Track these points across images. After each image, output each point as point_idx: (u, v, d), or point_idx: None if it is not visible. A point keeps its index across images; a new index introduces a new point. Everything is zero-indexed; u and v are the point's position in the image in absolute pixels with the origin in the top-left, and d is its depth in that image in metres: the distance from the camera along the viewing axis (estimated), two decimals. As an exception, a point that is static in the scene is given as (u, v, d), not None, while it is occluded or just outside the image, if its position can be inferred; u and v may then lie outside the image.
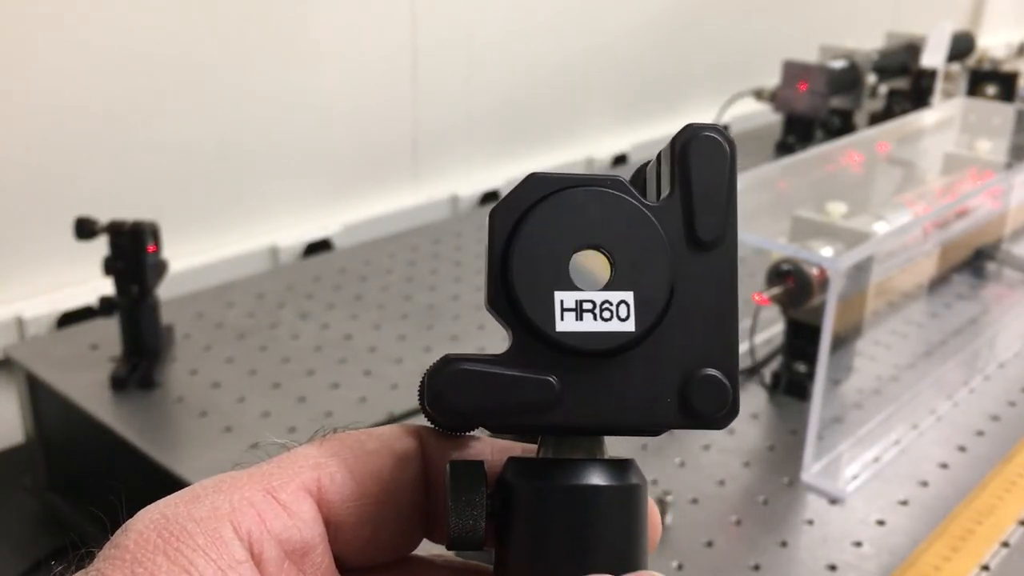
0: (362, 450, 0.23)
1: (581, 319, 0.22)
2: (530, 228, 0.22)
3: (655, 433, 0.23)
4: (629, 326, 0.22)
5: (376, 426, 0.73)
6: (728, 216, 0.22)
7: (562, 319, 0.22)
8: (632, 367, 0.22)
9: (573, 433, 0.23)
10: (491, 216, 0.22)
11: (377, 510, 0.23)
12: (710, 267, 0.22)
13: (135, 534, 0.21)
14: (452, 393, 0.22)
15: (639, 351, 0.22)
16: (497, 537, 0.23)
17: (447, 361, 0.22)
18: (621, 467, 0.22)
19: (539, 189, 0.22)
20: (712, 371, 0.22)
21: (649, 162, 0.25)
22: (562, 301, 0.22)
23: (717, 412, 0.22)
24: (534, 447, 0.24)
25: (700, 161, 0.22)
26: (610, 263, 0.22)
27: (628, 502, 0.22)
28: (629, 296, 0.22)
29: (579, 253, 0.22)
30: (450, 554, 0.25)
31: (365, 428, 0.24)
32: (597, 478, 0.22)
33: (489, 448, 0.25)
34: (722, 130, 0.22)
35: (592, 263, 0.22)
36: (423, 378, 0.23)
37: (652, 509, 0.23)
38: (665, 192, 0.23)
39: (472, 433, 0.25)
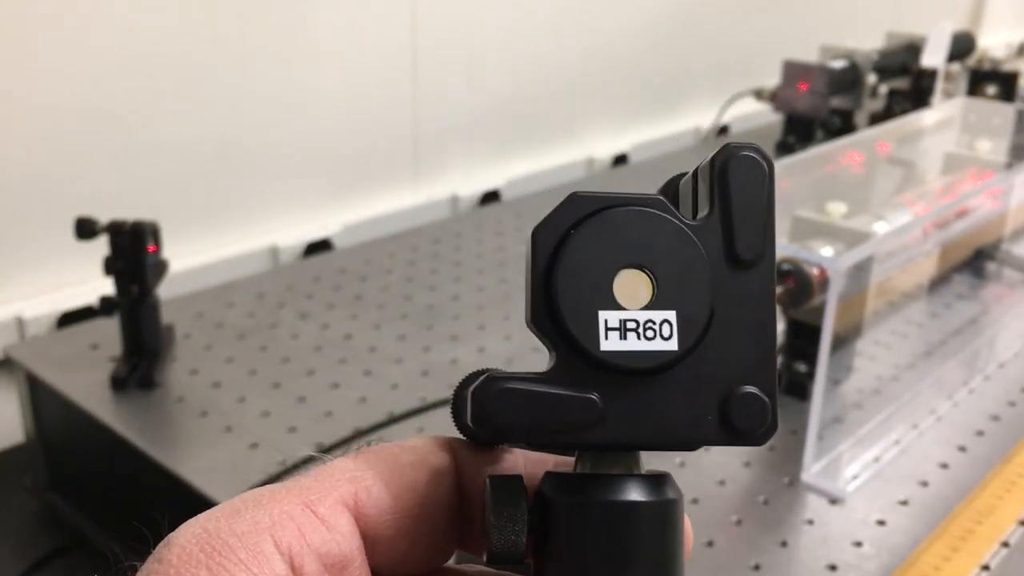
0: (397, 463, 0.24)
1: (625, 338, 0.22)
2: (573, 247, 0.22)
3: (693, 448, 0.23)
4: (672, 345, 0.22)
5: (379, 428, 0.73)
6: (767, 235, 0.23)
7: (606, 338, 0.22)
8: (673, 385, 0.22)
9: (614, 449, 0.23)
10: (534, 235, 0.22)
11: (413, 523, 0.23)
12: (749, 285, 0.23)
13: (178, 548, 0.21)
14: (497, 411, 0.22)
15: (680, 369, 0.22)
16: (535, 551, 0.23)
17: (491, 379, 0.22)
18: (658, 482, 0.22)
19: (581, 208, 0.22)
20: (752, 389, 0.22)
21: (682, 175, 0.25)
22: (606, 320, 0.22)
23: (757, 429, 0.22)
24: (568, 460, 0.24)
25: (739, 180, 0.23)
26: (652, 282, 0.22)
27: (666, 516, 0.22)
28: (672, 315, 0.22)
29: (622, 272, 0.22)
30: (481, 564, 0.25)
31: (398, 442, 0.25)
32: (636, 494, 0.22)
33: (523, 461, 0.25)
34: (760, 149, 0.23)
35: (635, 282, 0.22)
36: (460, 394, 0.23)
37: (687, 525, 0.23)
38: (703, 210, 0.23)
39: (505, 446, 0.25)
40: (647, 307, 0.22)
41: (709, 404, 0.22)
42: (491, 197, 1.31)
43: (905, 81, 1.48)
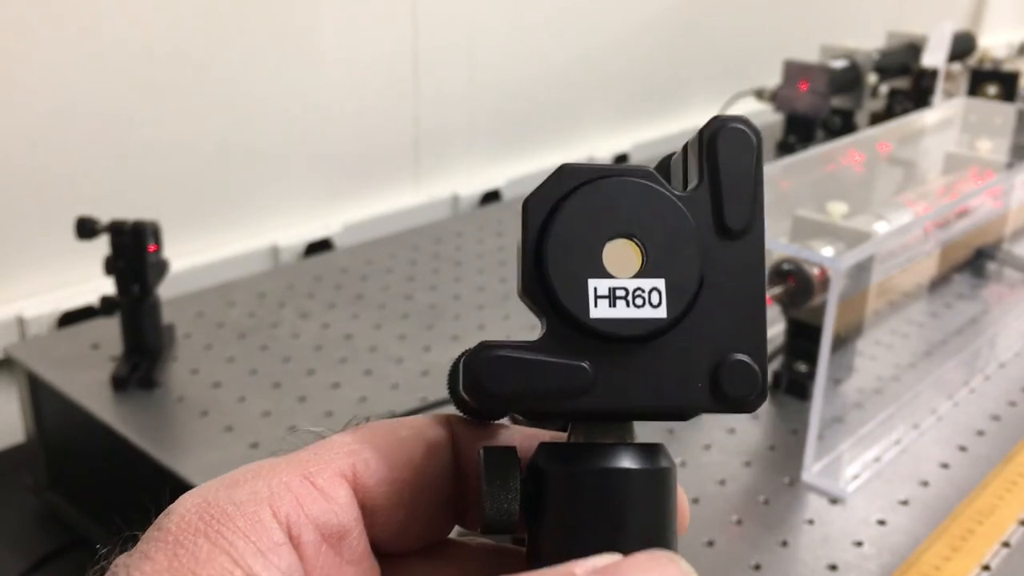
0: (395, 437, 0.24)
1: (614, 306, 0.22)
2: (563, 218, 0.22)
3: (685, 418, 0.23)
4: (661, 312, 0.22)
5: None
6: (755, 205, 0.23)
7: (596, 306, 0.22)
8: (663, 353, 0.23)
9: (606, 419, 0.23)
10: (524, 206, 0.23)
11: (411, 495, 0.24)
12: (738, 255, 0.23)
13: (177, 517, 0.21)
14: (489, 379, 0.22)
15: (670, 337, 0.22)
16: (529, 520, 0.23)
17: (483, 347, 0.22)
18: (651, 451, 0.23)
19: (571, 180, 0.23)
20: (742, 356, 0.23)
21: (673, 154, 0.25)
22: (596, 288, 0.22)
23: (748, 396, 0.22)
24: (563, 435, 0.24)
25: (727, 151, 0.23)
26: (641, 251, 0.22)
27: (659, 484, 0.23)
28: (660, 283, 0.22)
29: (611, 242, 0.22)
30: (482, 537, 0.25)
31: (396, 418, 0.25)
32: (628, 462, 0.22)
33: (519, 435, 0.25)
34: (748, 121, 0.23)
35: (624, 251, 0.22)
36: (455, 365, 0.23)
37: (680, 494, 0.23)
38: (693, 182, 0.23)
39: (501, 421, 0.25)
40: (636, 275, 0.22)
41: (700, 371, 0.23)
42: (492, 197, 1.31)
43: (906, 81, 1.48)
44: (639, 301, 0.22)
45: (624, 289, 0.22)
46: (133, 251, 0.76)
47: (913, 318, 0.93)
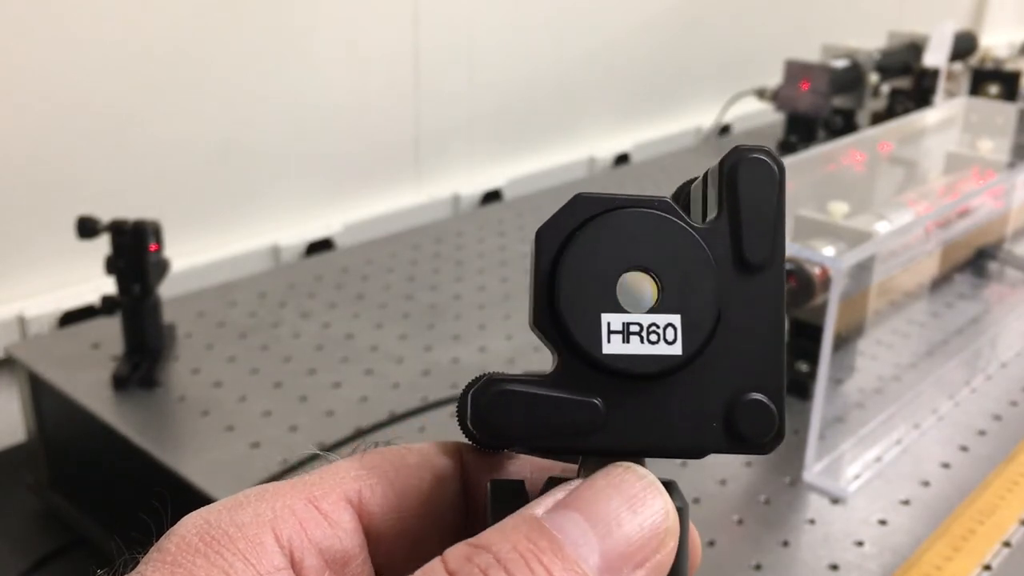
0: (403, 463, 0.24)
1: (628, 341, 0.21)
2: (577, 249, 0.22)
3: (700, 456, 0.23)
4: (676, 349, 0.21)
5: (380, 427, 0.73)
6: (776, 239, 0.22)
7: (609, 341, 0.21)
8: (678, 390, 0.22)
9: (617, 455, 0.22)
10: (537, 236, 0.22)
11: (417, 523, 0.23)
12: (758, 290, 0.22)
13: (177, 538, 0.21)
14: (496, 414, 0.21)
15: (685, 374, 0.22)
16: None
17: (491, 381, 0.22)
18: (666, 489, 0.22)
19: (585, 210, 0.22)
20: (759, 396, 0.22)
21: (693, 180, 0.24)
22: (609, 323, 0.21)
23: (764, 437, 0.22)
24: (574, 467, 0.24)
25: (748, 183, 0.22)
26: (657, 285, 0.22)
27: None
28: (676, 319, 0.22)
29: (626, 275, 0.22)
30: None
31: (404, 445, 0.25)
32: None
33: (528, 467, 0.25)
34: (771, 151, 0.22)
35: (639, 285, 0.22)
36: (463, 397, 0.22)
37: (693, 533, 0.23)
38: (712, 214, 0.22)
39: (511, 451, 0.25)
40: (652, 310, 0.22)
41: (715, 411, 0.22)
42: (493, 196, 1.31)
43: (907, 80, 1.48)
44: (653, 337, 0.21)
45: (638, 324, 0.21)
46: (134, 251, 0.76)
47: (914, 318, 0.93)
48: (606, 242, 0.22)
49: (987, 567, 0.61)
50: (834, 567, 0.60)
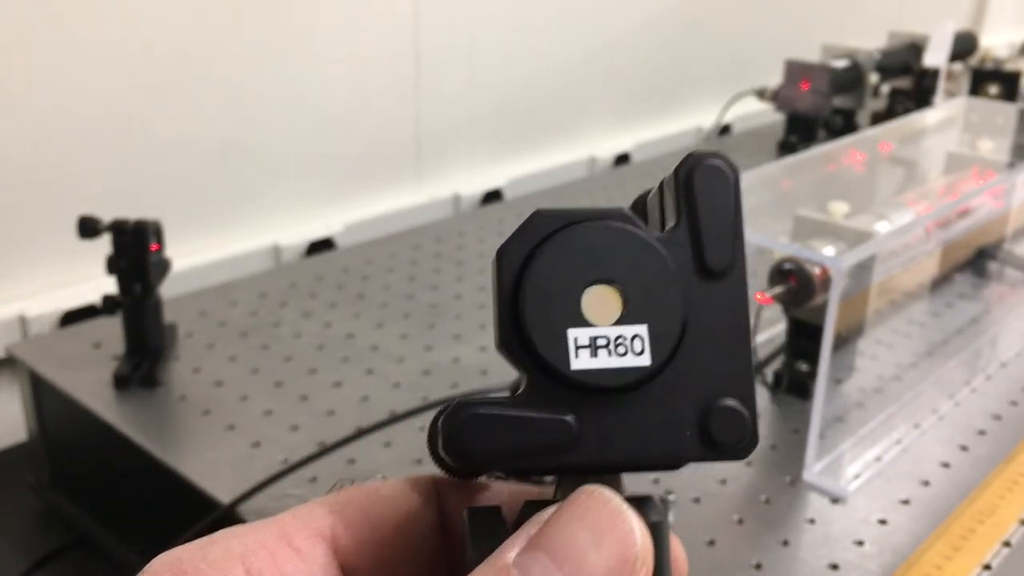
0: (377, 497, 0.24)
1: (596, 355, 0.21)
2: (539, 266, 0.22)
3: (676, 467, 0.23)
4: (644, 360, 0.21)
5: (381, 426, 0.73)
6: (736, 243, 0.22)
7: (577, 356, 0.21)
8: (649, 402, 0.22)
9: (593, 472, 0.22)
10: (498, 256, 0.22)
11: (392, 554, 0.23)
12: (721, 296, 0.22)
13: (149, 575, 0.21)
14: (468, 439, 0.21)
15: (655, 385, 0.22)
16: None
17: (460, 406, 0.21)
18: (641, 505, 0.22)
19: (545, 226, 0.22)
20: (730, 401, 0.22)
21: (650, 191, 0.24)
22: (576, 338, 0.21)
23: (738, 442, 0.22)
24: (550, 491, 0.23)
25: (705, 190, 0.22)
26: (622, 297, 0.22)
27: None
28: (643, 329, 0.22)
29: (590, 289, 0.22)
30: None
31: (377, 482, 0.25)
32: None
33: (505, 492, 0.25)
34: (725, 157, 0.22)
35: (604, 298, 0.22)
36: (432, 426, 0.22)
37: (676, 547, 0.23)
38: (671, 222, 0.22)
39: (486, 478, 0.25)
40: (618, 323, 0.22)
41: (687, 419, 0.22)
42: (493, 196, 1.31)
43: (907, 80, 1.48)
44: (621, 349, 0.21)
45: (605, 338, 0.21)
46: (135, 250, 0.76)
47: (914, 318, 0.93)
48: (567, 257, 0.22)
49: (987, 567, 0.61)
50: (834, 567, 0.60)
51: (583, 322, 0.21)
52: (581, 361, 0.21)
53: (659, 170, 1.37)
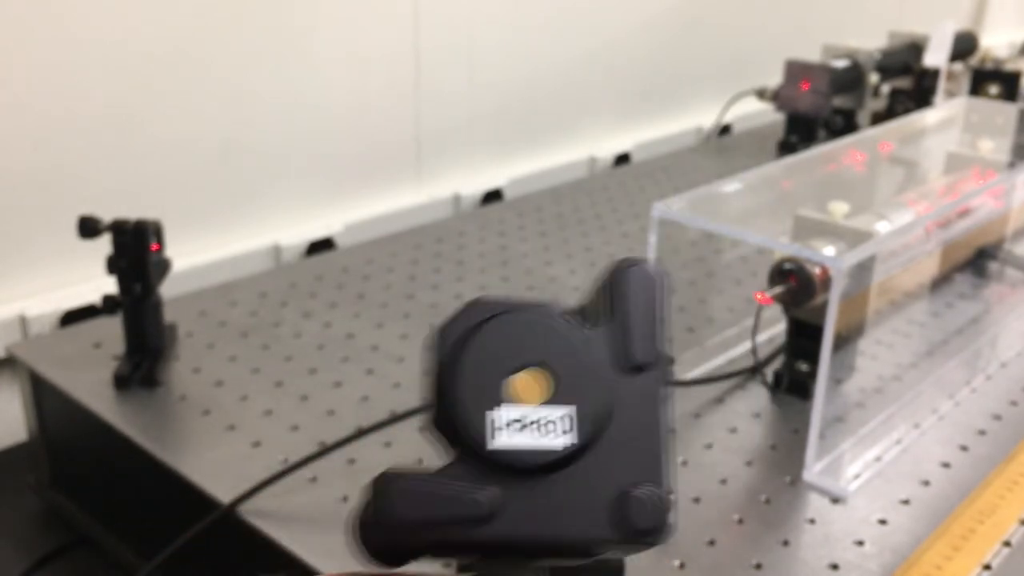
0: None
1: (518, 436, 0.23)
2: (471, 350, 0.23)
3: (591, 554, 0.24)
4: (565, 443, 0.23)
5: (381, 426, 0.73)
6: (658, 341, 0.24)
7: (498, 436, 0.23)
8: (568, 483, 0.23)
9: (508, 552, 0.23)
10: (433, 338, 0.24)
11: None
12: (642, 388, 0.24)
13: None
14: (393, 508, 0.22)
15: (575, 468, 0.23)
16: None
17: (387, 477, 0.23)
18: None
19: (480, 313, 0.24)
20: (647, 488, 0.23)
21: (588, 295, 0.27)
22: (499, 418, 0.23)
23: (652, 528, 0.23)
24: None
25: (632, 292, 0.24)
26: (548, 384, 0.23)
27: None
28: (566, 415, 0.23)
29: (518, 373, 0.23)
30: None
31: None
32: None
33: None
34: (651, 262, 0.25)
35: (530, 383, 0.23)
36: (359, 509, 0.23)
37: None
38: (600, 319, 0.24)
39: (412, 566, 0.25)
40: (542, 406, 0.23)
41: (604, 503, 0.23)
42: (493, 196, 1.31)
43: (907, 80, 1.48)
44: (543, 432, 0.23)
45: (529, 420, 0.23)
46: (135, 250, 0.76)
47: (914, 318, 0.93)
48: (499, 342, 0.23)
49: (987, 567, 0.61)
50: (834, 566, 0.60)
51: (509, 403, 0.23)
52: (502, 440, 0.23)
53: (659, 170, 1.37)
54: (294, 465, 0.67)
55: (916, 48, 1.50)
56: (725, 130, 1.60)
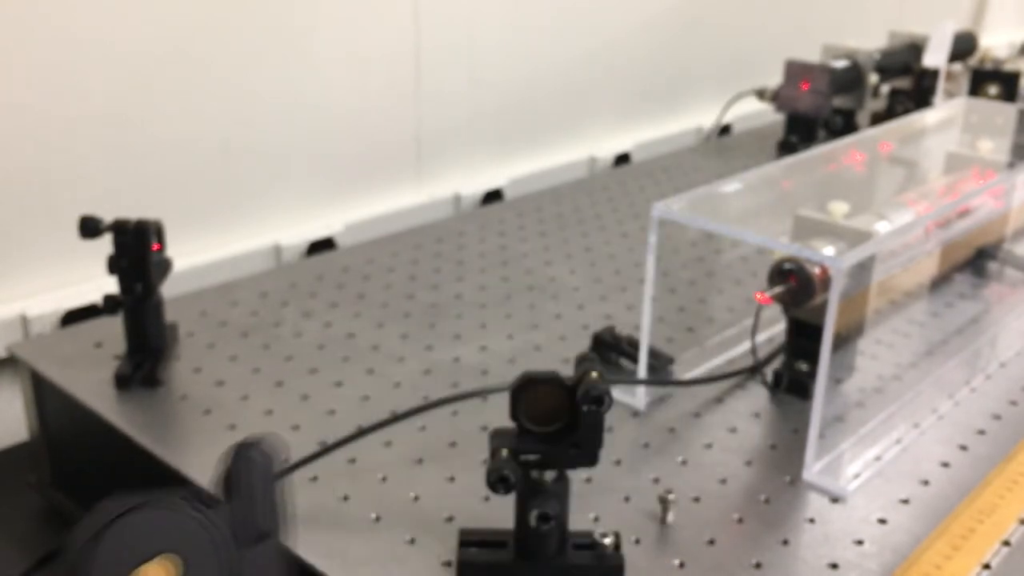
0: None
1: None
2: (103, 547, 0.25)
3: None
4: None
5: (381, 426, 0.72)
6: (274, 514, 0.27)
7: None
8: None
9: None
10: (69, 540, 0.26)
11: None
12: (263, 556, 0.27)
13: None
14: None
15: None
16: None
17: None
18: None
19: (110, 512, 0.26)
20: None
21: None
22: None
23: None
24: None
25: (245, 472, 0.27)
26: (175, 569, 0.25)
27: None
28: None
29: (148, 563, 0.25)
30: None
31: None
32: None
33: None
34: (265, 445, 0.28)
35: (158, 571, 0.25)
36: None
37: None
38: (225, 499, 0.27)
39: None
40: None
41: None
42: (493, 196, 1.31)
43: (907, 81, 1.48)
44: None
45: None
46: (136, 250, 0.76)
47: (914, 317, 0.93)
48: (128, 537, 0.25)
49: (987, 566, 0.61)
50: (834, 566, 0.60)
51: None
52: None
53: (659, 170, 1.37)
54: (294, 465, 0.67)
55: (916, 48, 1.50)
56: (725, 130, 1.60)
